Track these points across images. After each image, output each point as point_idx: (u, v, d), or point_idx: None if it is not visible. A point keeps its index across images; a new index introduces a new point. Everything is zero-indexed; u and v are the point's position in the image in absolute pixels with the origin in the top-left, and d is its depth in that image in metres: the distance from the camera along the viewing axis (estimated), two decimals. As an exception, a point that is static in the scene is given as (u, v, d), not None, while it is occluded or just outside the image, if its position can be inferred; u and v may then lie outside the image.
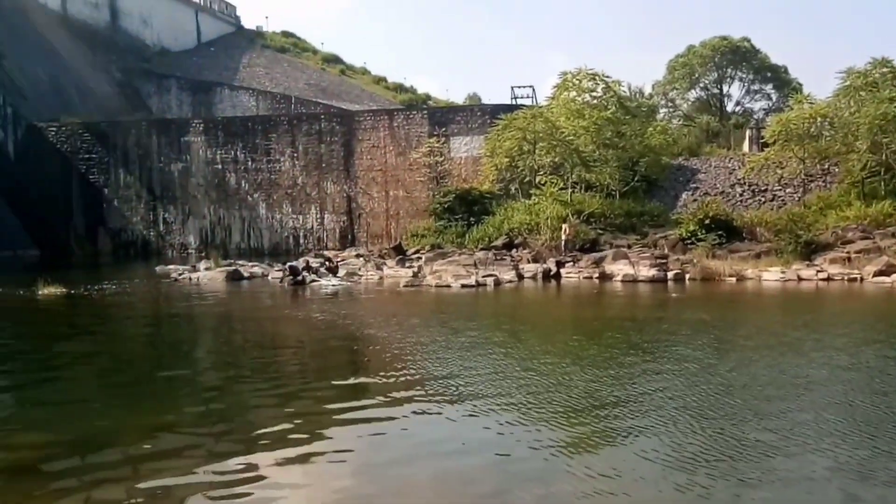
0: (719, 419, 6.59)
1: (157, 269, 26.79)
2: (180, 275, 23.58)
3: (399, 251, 26.38)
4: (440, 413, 6.80)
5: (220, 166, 41.93)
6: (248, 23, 79.47)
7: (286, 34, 73.44)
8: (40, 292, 17.34)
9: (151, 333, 13.11)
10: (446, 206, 30.11)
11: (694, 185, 30.12)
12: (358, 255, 27.77)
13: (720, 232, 22.82)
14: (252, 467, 5.35)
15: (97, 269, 32.69)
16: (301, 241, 41.08)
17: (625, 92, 33.54)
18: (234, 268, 23.89)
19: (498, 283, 19.70)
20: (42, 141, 44.21)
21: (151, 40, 67.43)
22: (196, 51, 68.58)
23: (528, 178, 29.35)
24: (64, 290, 17.79)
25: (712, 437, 6.08)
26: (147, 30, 67.10)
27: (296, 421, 6.54)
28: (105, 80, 58.70)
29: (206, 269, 24.22)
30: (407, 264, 23.45)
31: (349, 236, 40.16)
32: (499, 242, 25.20)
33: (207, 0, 75.99)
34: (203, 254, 39.18)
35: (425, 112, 41.51)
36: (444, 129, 38.87)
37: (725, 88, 51.93)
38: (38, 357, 10.43)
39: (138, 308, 17.06)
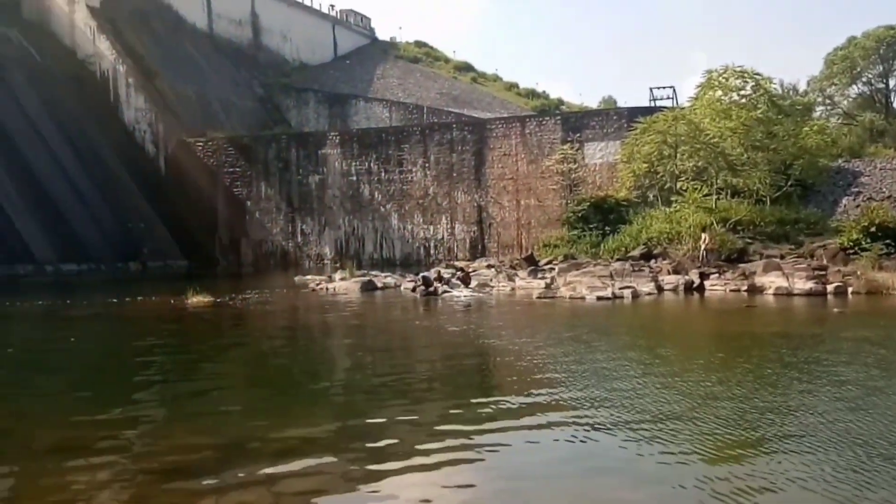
0: (888, 448, 6.15)
1: (296, 279, 28.20)
2: (317, 285, 24.73)
3: (531, 262, 26.35)
4: (574, 432, 6.78)
5: (354, 178, 43.62)
6: (383, 34, 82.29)
7: (419, 44, 75.42)
8: (189, 301, 18.75)
9: (291, 343, 13.85)
10: (580, 214, 29.78)
11: (856, 190, 28.09)
12: (489, 266, 28.02)
13: (887, 241, 21.16)
14: (378, 475, 5.56)
15: (240, 279, 34.87)
16: (431, 251, 41.93)
17: (776, 89, 31.78)
18: (367, 278, 24.77)
19: (636, 295, 19.25)
20: (190, 155, 47.70)
21: (291, 55, 71.16)
22: (332, 64, 71.76)
23: (668, 185, 28.49)
24: (211, 298, 19.16)
25: (878, 469, 5.68)
26: (287, 45, 70.89)
27: (428, 436, 6.73)
28: (248, 95, 62.62)
29: (342, 279, 25.23)
30: (539, 275, 23.40)
31: (479, 246, 40.56)
32: (636, 253, 24.62)
33: (343, 13, 79.36)
34: (338, 264, 40.88)
35: (558, 118, 41.27)
36: (577, 135, 38.49)
37: (892, 83, 48.06)
38: (188, 364, 11.30)
39: (279, 317, 18.10)
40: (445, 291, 21.22)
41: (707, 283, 20.57)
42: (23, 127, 43.24)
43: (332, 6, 78.02)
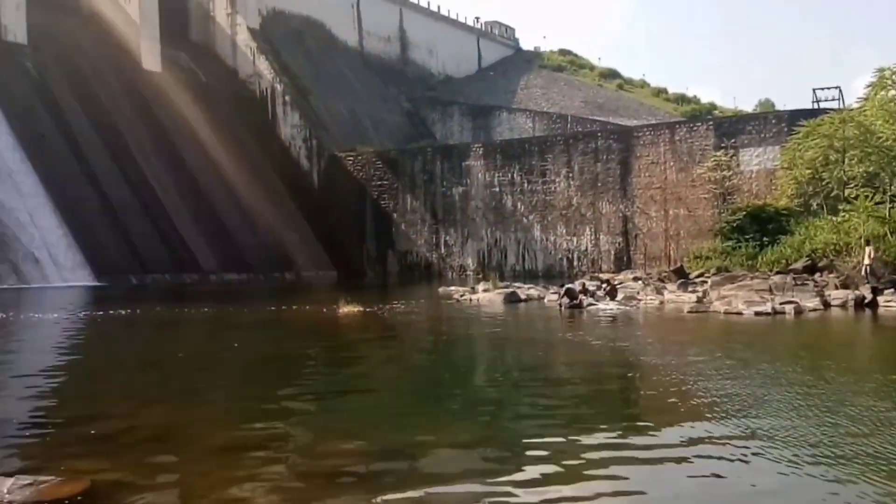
0: None
1: (440, 290, 28.73)
2: (461, 296, 25.12)
3: (681, 274, 25.48)
4: (731, 458, 6.53)
5: (497, 189, 44.02)
6: (526, 44, 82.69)
7: (563, 52, 75.08)
8: (341, 310, 19.65)
9: (437, 353, 14.17)
10: (735, 224, 28.48)
11: None
12: (635, 279, 27.36)
13: None
14: (536, 496, 5.60)
15: (386, 289, 35.99)
16: (575, 263, 41.48)
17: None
18: (511, 290, 24.89)
19: (799, 311, 18.13)
20: (341, 169, 49.95)
21: (436, 69, 72.92)
22: (477, 76, 72.87)
23: (834, 192, 26.66)
24: (360, 308, 19.98)
25: None
26: (433, 59, 72.72)
27: (577, 454, 6.70)
28: (395, 109, 64.81)
29: (485, 290, 25.48)
30: (690, 288, 22.60)
31: (625, 258, 39.71)
32: (798, 265, 23.19)
33: (488, 25, 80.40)
34: (480, 275, 41.31)
35: (710, 123, 39.72)
36: (732, 141, 36.87)
37: None
38: (341, 371, 11.86)
39: (424, 327, 18.58)
40: (591, 304, 20.94)
41: (881, 300, 19.02)
42: (190, 144, 46.98)
43: (477, 18, 79.34)
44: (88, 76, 44.06)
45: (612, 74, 68.19)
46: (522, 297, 24.10)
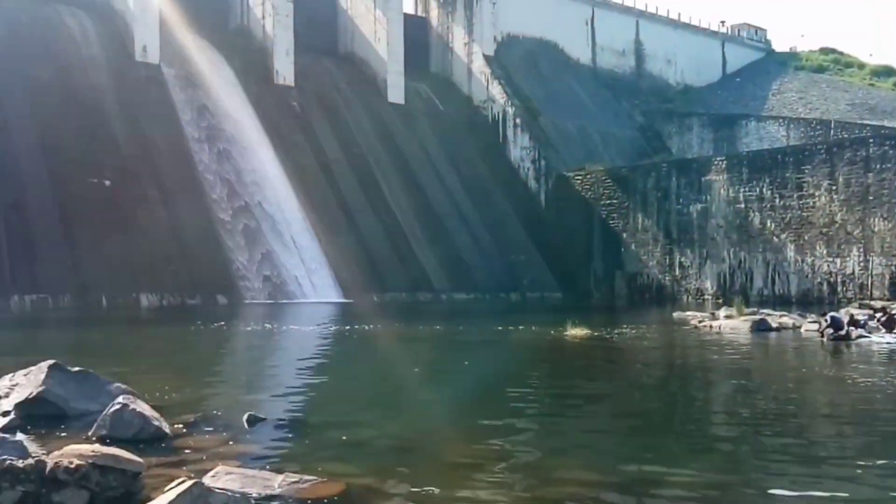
0: None
1: (674, 314, 26.98)
2: (699, 322, 23.27)
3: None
4: None
5: (742, 205, 40.81)
6: (780, 45, 77.02)
7: (825, 51, 68.69)
8: (567, 333, 18.88)
9: (672, 383, 12.93)
10: None
11: None
12: (919, 308, 23.51)
13: None
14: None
15: (614, 312, 34.67)
16: (838, 288, 37.14)
17: None
18: (759, 317, 22.53)
19: None
20: (568, 189, 49.48)
21: (674, 79, 70.25)
22: (720, 84, 69.06)
23: None
24: (588, 331, 19.06)
25: None
26: (670, 69, 70.17)
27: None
28: (627, 124, 63.19)
29: (727, 317, 23.48)
30: None
31: (903, 284, 34.70)
32: None
33: (735, 28, 75.98)
34: (720, 300, 38.41)
35: None
36: None
37: None
38: (569, 396, 11.12)
39: (658, 355, 17.21)
40: (861, 336, 18.17)
41: None
42: (428, 170, 49.61)
43: (723, 22, 75.41)
44: (342, 111, 48.43)
45: (886, 72, 60.88)
46: (774, 325, 21.63)
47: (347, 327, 22.76)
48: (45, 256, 31.90)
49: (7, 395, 8.17)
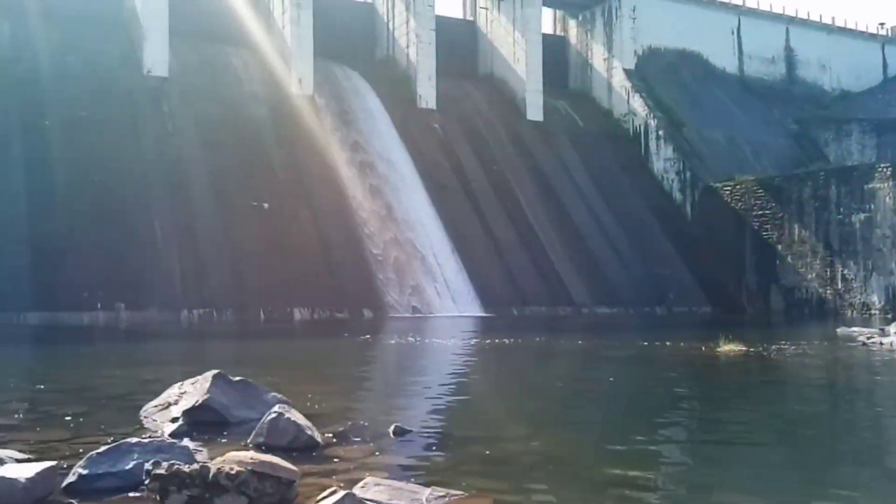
0: None
1: (838, 330, 24.99)
2: (868, 338, 21.32)
3: None
4: None
5: (912, 214, 37.37)
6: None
7: None
8: (720, 349, 17.78)
9: (835, 406, 11.76)
10: None
11: None
12: None
13: None
14: None
15: (769, 327, 32.59)
16: None
17: None
18: (938, 334, 20.31)
19: None
20: (716, 200, 47.32)
21: (830, 85, 66.17)
22: (881, 88, 64.28)
23: None
24: (743, 348, 17.86)
25: None
26: (825, 75, 66.17)
27: None
28: (779, 133, 59.75)
29: (898, 333, 21.38)
30: None
31: None
32: None
33: None
34: (889, 315, 35.32)
35: None
36: None
37: None
38: (721, 417, 10.33)
39: (821, 374, 15.79)
40: None
41: None
42: (566, 184, 49.11)
43: (882, 24, 70.17)
44: (482, 130, 49.07)
45: None
46: (956, 344, 19.43)
47: (488, 341, 22.65)
48: (211, 274, 34.11)
49: (176, 402, 8.58)
